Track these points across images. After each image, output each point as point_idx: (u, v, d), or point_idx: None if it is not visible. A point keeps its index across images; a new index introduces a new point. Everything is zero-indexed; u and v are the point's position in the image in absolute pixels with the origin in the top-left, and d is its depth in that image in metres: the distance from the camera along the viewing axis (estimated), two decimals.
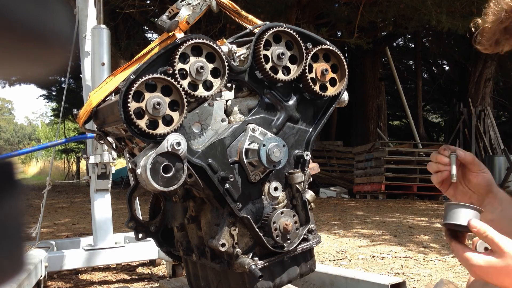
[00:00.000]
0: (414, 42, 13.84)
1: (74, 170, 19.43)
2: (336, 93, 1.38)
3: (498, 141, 10.97)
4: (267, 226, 1.25)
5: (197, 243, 1.39)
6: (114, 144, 1.55)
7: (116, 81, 1.39)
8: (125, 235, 2.94)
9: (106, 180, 2.60)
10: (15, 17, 0.28)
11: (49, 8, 0.31)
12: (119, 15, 8.44)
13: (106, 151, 2.55)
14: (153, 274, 2.90)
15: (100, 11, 2.65)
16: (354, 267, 2.94)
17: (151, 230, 1.48)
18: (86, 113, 1.43)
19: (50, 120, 36.97)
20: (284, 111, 1.34)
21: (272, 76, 1.27)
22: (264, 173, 1.27)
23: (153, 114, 1.13)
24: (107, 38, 2.52)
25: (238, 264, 1.24)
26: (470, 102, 11.04)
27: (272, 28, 1.28)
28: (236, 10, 1.49)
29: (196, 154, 1.20)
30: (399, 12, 8.12)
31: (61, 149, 19.22)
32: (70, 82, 11.19)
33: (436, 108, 19.06)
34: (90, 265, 2.59)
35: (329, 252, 3.42)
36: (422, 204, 7.44)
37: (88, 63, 2.63)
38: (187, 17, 1.39)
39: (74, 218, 5.92)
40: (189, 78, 1.19)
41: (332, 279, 1.84)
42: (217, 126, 1.26)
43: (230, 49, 1.31)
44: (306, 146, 1.36)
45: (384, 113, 12.42)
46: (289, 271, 1.34)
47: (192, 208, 1.35)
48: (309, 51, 1.33)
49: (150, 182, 1.08)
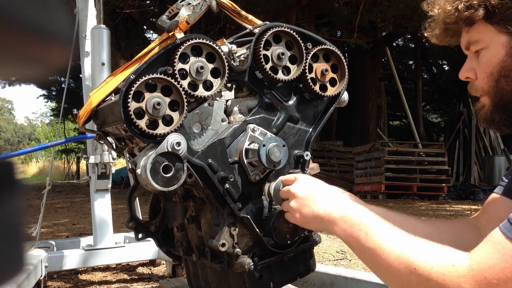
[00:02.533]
0: (414, 42, 13.84)
1: (74, 170, 19.43)
2: (336, 93, 1.38)
3: (498, 141, 10.97)
4: (267, 226, 1.25)
5: (197, 243, 1.39)
6: (114, 144, 1.55)
7: (116, 81, 1.39)
8: (125, 235, 2.94)
9: (106, 180, 2.60)
10: (15, 17, 0.28)
11: (49, 8, 0.31)
12: (119, 15, 8.44)
13: (106, 151, 2.55)
14: (153, 274, 2.90)
15: (100, 11, 2.66)
16: (354, 267, 2.94)
17: (151, 230, 1.48)
18: (86, 113, 1.43)
19: (50, 120, 36.96)
20: (284, 111, 1.34)
21: (272, 76, 1.27)
22: (264, 173, 1.27)
23: (153, 114, 1.13)
24: (107, 38, 2.52)
25: (238, 264, 1.24)
26: (470, 102, 11.04)
27: (272, 28, 1.28)
28: (236, 10, 1.49)
29: (196, 154, 1.20)
30: (399, 12, 8.12)
31: (61, 149, 19.22)
32: (70, 82, 11.18)
33: (436, 108, 19.07)
34: (90, 265, 2.59)
35: (329, 252, 3.42)
36: (422, 204, 7.44)
37: (88, 63, 2.63)
38: (187, 17, 1.39)
39: (74, 218, 5.92)
40: (189, 78, 1.19)
41: (332, 279, 1.84)
42: (217, 126, 1.26)
43: (230, 49, 1.31)
44: (306, 146, 1.36)
45: (384, 113, 12.43)
46: (289, 271, 1.34)
47: (192, 208, 1.35)
48: (309, 51, 1.33)
49: (150, 182, 1.08)
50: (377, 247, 0.90)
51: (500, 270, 0.77)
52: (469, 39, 0.99)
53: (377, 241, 0.91)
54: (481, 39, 0.96)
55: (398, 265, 0.86)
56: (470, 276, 0.79)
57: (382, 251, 0.89)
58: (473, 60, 0.99)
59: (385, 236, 0.91)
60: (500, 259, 0.77)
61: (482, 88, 0.98)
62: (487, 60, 0.95)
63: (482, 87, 0.98)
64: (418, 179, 8.39)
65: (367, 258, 0.95)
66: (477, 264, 0.79)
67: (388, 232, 0.92)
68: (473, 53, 0.99)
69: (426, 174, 8.58)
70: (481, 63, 0.97)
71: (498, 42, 0.94)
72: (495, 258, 0.78)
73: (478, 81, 0.99)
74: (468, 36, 0.99)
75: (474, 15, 0.93)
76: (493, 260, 0.78)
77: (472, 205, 7.17)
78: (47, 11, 0.30)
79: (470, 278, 0.79)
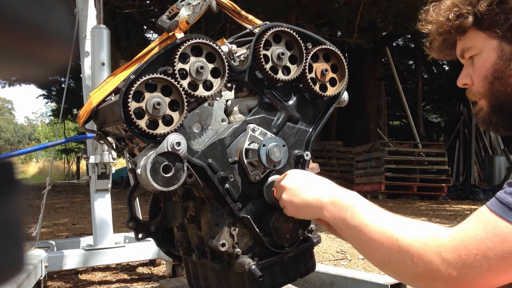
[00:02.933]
0: (414, 42, 13.84)
1: (74, 170, 19.43)
2: (336, 93, 1.38)
3: (498, 141, 10.97)
4: (267, 226, 1.25)
5: (197, 243, 1.39)
6: (114, 144, 1.55)
7: (116, 81, 1.39)
8: (125, 235, 2.94)
9: (106, 180, 2.60)
10: (15, 17, 0.28)
11: (49, 8, 0.31)
12: (119, 15, 8.44)
13: (106, 151, 2.55)
14: (153, 274, 2.90)
15: (100, 11, 2.65)
16: (354, 267, 2.94)
17: (151, 230, 1.48)
18: (86, 113, 1.43)
19: (50, 120, 36.95)
20: (284, 111, 1.34)
21: (272, 76, 1.27)
22: (264, 173, 1.27)
23: (153, 114, 1.13)
24: (107, 38, 2.52)
25: (238, 264, 1.24)
26: (470, 102, 11.03)
27: (272, 28, 1.28)
28: (236, 10, 1.49)
29: (196, 154, 1.20)
30: (399, 12, 8.12)
31: (61, 149, 19.22)
32: (70, 82, 11.18)
33: (436, 108, 19.06)
34: (90, 265, 2.59)
35: (329, 252, 3.42)
36: (422, 204, 7.44)
37: (88, 63, 2.63)
38: (187, 17, 1.39)
39: (74, 218, 5.92)
40: (189, 78, 1.19)
41: (332, 279, 1.84)
42: (217, 126, 1.26)
43: (230, 49, 1.31)
44: (306, 146, 1.36)
45: (384, 113, 12.42)
46: (289, 271, 1.34)
47: (192, 208, 1.35)
48: (309, 51, 1.33)
49: (150, 182, 1.08)
50: (361, 223, 0.95)
51: (481, 240, 0.78)
52: (463, 46, 1.04)
53: (361, 218, 0.95)
54: (473, 45, 1.01)
55: (380, 238, 0.90)
56: (451, 246, 0.81)
57: (365, 227, 0.93)
58: (469, 67, 1.04)
59: (369, 214, 0.96)
60: (482, 230, 0.79)
61: (479, 92, 1.03)
62: (480, 64, 1.00)
63: (478, 90, 1.03)
64: (418, 179, 8.39)
65: (352, 236, 0.99)
66: (459, 234, 0.81)
67: (373, 211, 0.97)
68: (467, 60, 1.04)
69: (426, 174, 8.58)
70: (476, 68, 1.01)
71: (489, 47, 0.98)
72: (477, 229, 0.80)
73: (474, 86, 1.03)
74: (462, 44, 1.04)
75: (465, 23, 0.99)
76: (475, 230, 0.80)
77: (472, 205, 7.17)
78: (47, 11, 0.30)
79: (451, 247, 0.81)
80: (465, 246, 0.79)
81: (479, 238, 0.79)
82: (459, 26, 1.00)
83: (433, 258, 0.81)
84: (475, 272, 0.78)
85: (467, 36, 1.02)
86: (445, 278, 0.80)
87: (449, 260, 0.80)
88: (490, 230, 0.78)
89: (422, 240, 0.84)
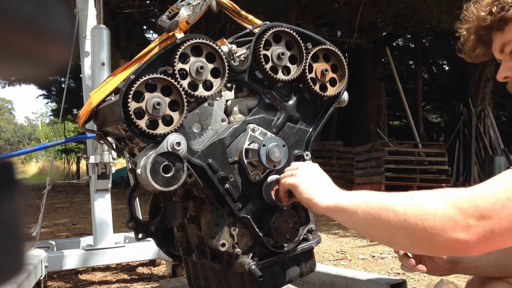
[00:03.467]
0: (414, 42, 13.83)
1: (74, 170, 19.41)
2: (336, 93, 1.38)
3: (498, 141, 10.96)
4: (267, 226, 1.25)
5: (197, 243, 1.39)
6: (114, 144, 1.55)
7: (116, 81, 1.39)
8: (125, 235, 2.94)
9: (106, 180, 2.60)
10: (15, 16, 0.28)
11: (49, 8, 0.31)
12: (119, 15, 8.43)
13: (106, 151, 2.55)
14: (153, 274, 2.90)
15: (100, 11, 2.65)
16: (354, 267, 2.94)
17: (151, 230, 1.48)
18: (86, 113, 1.43)
19: (50, 120, 36.95)
20: (284, 111, 1.34)
21: (272, 76, 1.27)
22: (264, 173, 1.27)
23: (153, 114, 1.13)
24: (107, 38, 2.52)
25: (238, 264, 1.24)
26: (470, 102, 11.03)
27: (272, 28, 1.28)
28: (236, 10, 1.49)
29: (196, 154, 1.20)
30: (399, 12, 8.11)
31: (61, 149, 19.20)
32: (70, 82, 11.18)
33: (436, 108, 19.05)
34: (90, 265, 2.59)
35: (329, 252, 3.42)
36: None
37: (88, 63, 2.63)
38: (187, 17, 1.39)
39: (74, 218, 5.92)
40: (189, 78, 1.19)
41: (332, 279, 1.84)
42: (217, 126, 1.26)
43: (230, 49, 1.31)
44: (306, 146, 1.36)
45: (384, 113, 12.41)
46: (289, 271, 1.34)
47: (192, 208, 1.34)
48: (309, 51, 1.33)
49: (150, 182, 1.08)
50: (361, 203, 0.93)
51: (499, 191, 0.78)
52: (503, 40, 1.04)
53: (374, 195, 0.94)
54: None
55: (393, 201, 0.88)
56: (468, 197, 0.80)
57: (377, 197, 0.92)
58: (509, 61, 1.05)
59: (379, 194, 0.94)
60: (501, 182, 0.79)
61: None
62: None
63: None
64: (418, 179, 8.38)
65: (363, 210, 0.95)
66: (476, 188, 0.82)
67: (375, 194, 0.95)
68: (507, 54, 1.04)
69: (426, 174, 8.57)
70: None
71: None
72: (495, 182, 0.80)
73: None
74: (502, 38, 1.04)
75: (507, 15, 1.00)
76: (492, 184, 0.80)
77: None
78: (47, 11, 0.30)
79: (468, 198, 0.80)
80: (483, 196, 0.79)
81: (497, 188, 0.78)
82: (501, 19, 1.01)
83: (450, 208, 0.80)
84: (493, 221, 0.77)
85: (507, 29, 1.02)
86: (462, 228, 0.78)
87: (466, 209, 0.79)
88: (509, 182, 0.78)
89: (437, 194, 0.83)
